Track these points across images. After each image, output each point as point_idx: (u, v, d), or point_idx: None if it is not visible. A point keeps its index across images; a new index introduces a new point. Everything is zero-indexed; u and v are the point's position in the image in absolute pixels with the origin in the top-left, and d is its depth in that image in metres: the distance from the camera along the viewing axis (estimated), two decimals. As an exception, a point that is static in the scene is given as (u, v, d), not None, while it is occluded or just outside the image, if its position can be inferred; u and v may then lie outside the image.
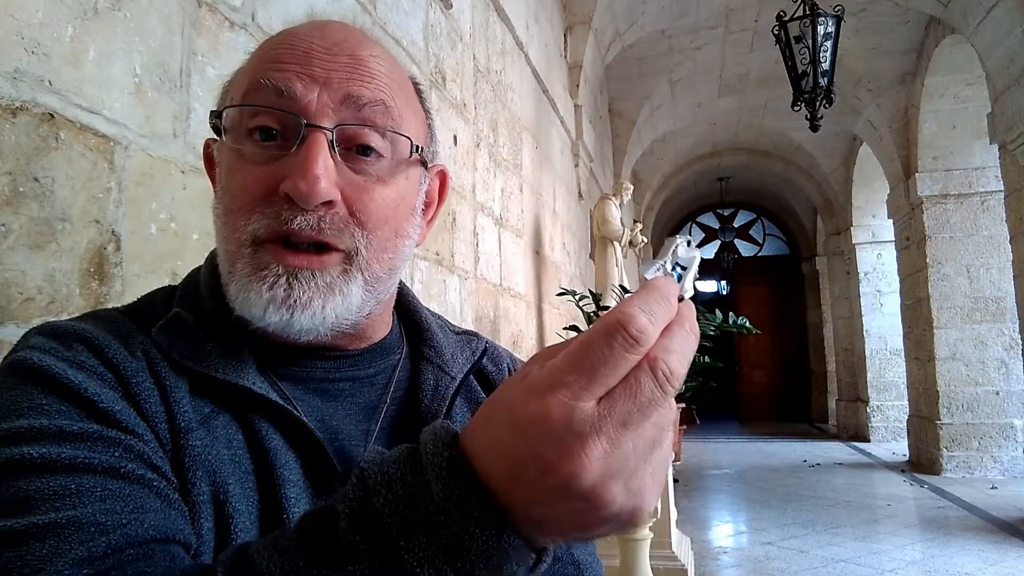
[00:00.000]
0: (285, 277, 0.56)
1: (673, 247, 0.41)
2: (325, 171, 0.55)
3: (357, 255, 0.59)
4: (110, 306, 0.95)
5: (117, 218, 0.98)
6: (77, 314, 0.90)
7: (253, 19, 1.30)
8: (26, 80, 0.84)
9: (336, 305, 0.58)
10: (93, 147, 0.94)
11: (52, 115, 0.88)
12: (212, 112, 0.61)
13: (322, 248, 0.58)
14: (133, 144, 1.01)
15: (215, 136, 0.64)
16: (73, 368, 0.51)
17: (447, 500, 0.35)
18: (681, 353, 0.35)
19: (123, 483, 0.46)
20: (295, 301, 0.56)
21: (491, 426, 0.35)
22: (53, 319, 0.86)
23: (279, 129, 0.58)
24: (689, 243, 0.42)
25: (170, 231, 1.07)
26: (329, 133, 0.57)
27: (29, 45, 0.85)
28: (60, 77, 0.89)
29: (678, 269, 0.41)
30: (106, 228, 0.96)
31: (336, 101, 0.58)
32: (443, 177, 0.71)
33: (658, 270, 0.40)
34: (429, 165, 0.67)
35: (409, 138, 0.61)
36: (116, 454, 0.47)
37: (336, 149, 0.57)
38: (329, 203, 0.56)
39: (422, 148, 0.64)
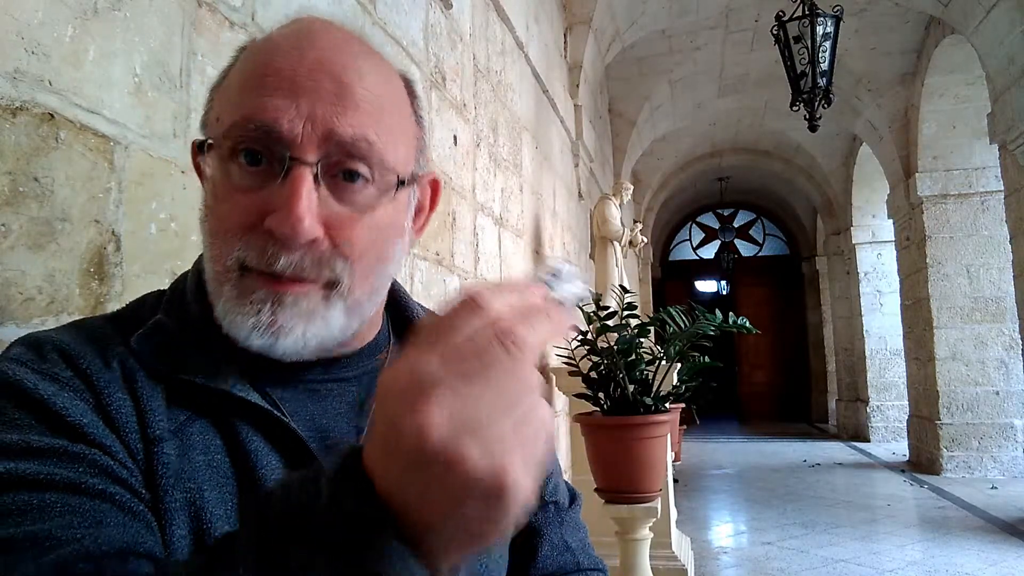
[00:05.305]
0: (269, 303, 0.56)
1: (546, 260, 0.45)
2: (309, 210, 0.54)
3: (340, 284, 0.58)
4: (110, 306, 0.95)
5: (117, 218, 0.98)
6: (77, 315, 0.90)
7: (253, 19, 1.30)
8: (26, 80, 0.84)
9: (318, 330, 0.58)
10: (93, 147, 0.94)
11: (52, 115, 0.88)
12: (199, 142, 0.60)
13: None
14: (133, 144, 1.01)
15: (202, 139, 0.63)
16: (45, 380, 0.52)
17: (332, 502, 0.36)
18: (533, 328, 0.37)
19: (83, 498, 0.47)
20: (279, 327, 0.56)
21: (372, 417, 0.38)
22: (53, 319, 0.87)
23: (265, 154, 0.56)
24: (567, 261, 0.46)
25: (170, 231, 1.07)
26: (313, 167, 0.56)
27: (29, 45, 0.85)
28: (60, 77, 0.89)
29: (547, 276, 0.44)
30: (106, 228, 0.96)
31: (320, 136, 0.56)
32: (435, 185, 0.70)
33: (526, 276, 0.43)
34: (420, 175, 0.66)
35: (396, 173, 0.60)
36: (80, 469, 0.48)
37: (320, 182, 0.56)
38: (313, 240, 0.56)
39: (407, 180, 0.62)
